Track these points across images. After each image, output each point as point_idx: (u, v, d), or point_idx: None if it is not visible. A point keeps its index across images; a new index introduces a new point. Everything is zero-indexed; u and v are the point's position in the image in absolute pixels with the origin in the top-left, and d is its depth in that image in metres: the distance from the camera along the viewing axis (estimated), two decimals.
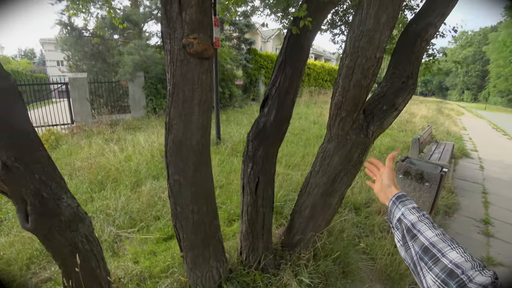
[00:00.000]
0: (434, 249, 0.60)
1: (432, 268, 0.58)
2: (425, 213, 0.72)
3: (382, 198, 0.86)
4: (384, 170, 0.88)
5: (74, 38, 10.18)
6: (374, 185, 0.92)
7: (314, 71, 19.54)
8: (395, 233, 0.76)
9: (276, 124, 2.05)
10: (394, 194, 0.81)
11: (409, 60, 1.83)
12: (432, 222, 0.68)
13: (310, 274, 2.17)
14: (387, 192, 0.84)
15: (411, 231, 0.68)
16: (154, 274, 2.22)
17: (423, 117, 12.30)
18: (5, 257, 2.55)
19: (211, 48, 1.44)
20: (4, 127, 1.24)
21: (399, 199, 0.79)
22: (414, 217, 0.71)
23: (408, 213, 0.73)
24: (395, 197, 0.80)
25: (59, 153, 5.56)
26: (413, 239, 0.67)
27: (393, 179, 0.86)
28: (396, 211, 0.77)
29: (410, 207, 0.75)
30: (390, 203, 0.80)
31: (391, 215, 0.79)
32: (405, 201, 0.78)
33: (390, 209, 0.80)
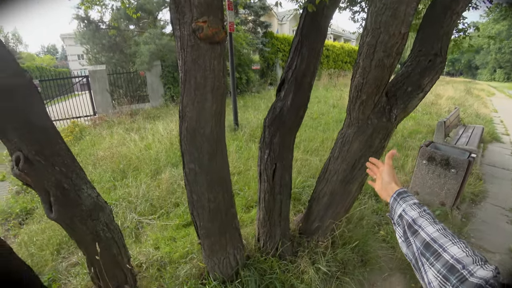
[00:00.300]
0: (435, 245, 0.60)
1: (434, 263, 0.58)
2: (425, 209, 0.71)
3: (384, 196, 0.86)
4: (384, 168, 0.89)
5: (91, 31, 10.38)
6: (375, 184, 0.92)
7: (333, 52, 18.87)
8: (397, 229, 0.76)
9: (293, 109, 1.97)
10: (395, 191, 0.81)
11: (437, 36, 1.68)
12: (433, 217, 0.68)
13: (328, 262, 2.14)
14: (388, 189, 0.84)
15: (412, 226, 0.68)
16: (174, 260, 2.28)
17: (450, 99, 11.62)
18: (38, 243, 2.71)
19: (222, 32, 1.37)
20: (24, 122, 1.27)
21: (400, 196, 0.79)
22: (415, 213, 0.70)
23: (409, 209, 0.73)
24: (396, 193, 0.80)
25: (83, 144, 5.78)
26: (414, 235, 0.67)
27: (394, 176, 0.86)
28: (397, 208, 0.77)
29: (411, 203, 0.74)
30: (391, 200, 0.80)
31: (392, 211, 0.79)
32: (406, 197, 0.77)
33: (391, 206, 0.80)
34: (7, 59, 1.22)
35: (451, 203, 3.15)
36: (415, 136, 6.06)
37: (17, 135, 1.27)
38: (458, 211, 3.23)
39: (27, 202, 3.70)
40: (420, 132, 6.43)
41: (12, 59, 1.25)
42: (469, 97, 13.34)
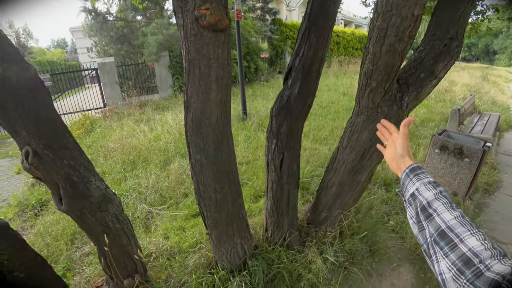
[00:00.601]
0: (451, 234, 0.55)
1: (448, 254, 0.53)
2: (442, 190, 0.64)
3: (394, 168, 0.78)
4: (398, 137, 0.79)
5: (99, 24, 10.41)
6: (385, 150, 0.84)
7: (343, 39, 18.41)
8: (408, 208, 0.69)
9: (301, 98, 1.92)
10: (408, 166, 0.73)
11: (453, 18, 1.58)
12: (450, 201, 0.61)
13: (336, 252, 2.13)
14: (400, 163, 0.76)
15: (426, 210, 0.62)
16: (183, 249, 2.32)
17: (465, 86, 11.21)
18: (53, 233, 2.80)
19: (226, 19, 1.33)
20: (30, 117, 1.28)
21: (413, 172, 0.71)
22: (430, 194, 0.64)
23: (424, 188, 0.66)
24: (409, 169, 0.72)
25: (94, 136, 5.87)
26: (428, 219, 0.61)
27: (408, 149, 0.77)
28: (410, 185, 0.69)
29: (425, 182, 0.67)
30: (403, 175, 0.73)
31: (404, 188, 0.72)
32: (420, 174, 0.70)
33: (403, 182, 0.73)
34: (12, 53, 1.22)
35: (464, 193, 3.07)
36: (427, 125, 5.90)
37: (25, 129, 1.29)
38: (471, 201, 3.15)
39: (41, 194, 3.82)
40: (433, 120, 6.25)
41: (18, 54, 1.25)
42: (485, 83, 12.83)
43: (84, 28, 11.79)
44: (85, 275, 2.20)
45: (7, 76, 1.19)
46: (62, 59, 32.98)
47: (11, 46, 1.23)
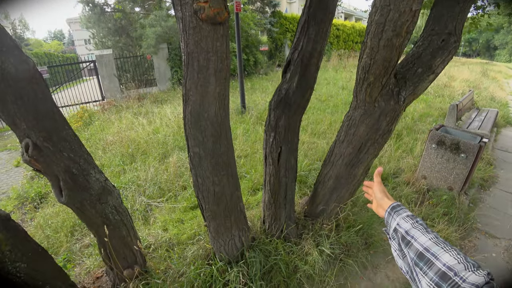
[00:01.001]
0: (428, 254, 0.60)
1: (427, 272, 0.58)
2: (418, 220, 0.72)
3: (381, 213, 0.85)
4: (374, 185, 0.89)
5: (96, 15, 10.27)
6: (372, 205, 0.92)
7: (343, 32, 18.28)
8: (392, 243, 0.76)
9: (299, 91, 1.93)
10: (388, 205, 0.81)
11: (452, 14, 1.59)
12: (425, 227, 0.69)
13: (332, 244, 2.16)
14: (383, 204, 0.84)
15: (405, 238, 0.69)
16: (181, 241, 2.35)
17: (464, 81, 11.21)
18: (52, 225, 2.83)
19: (225, 12, 1.33)
20: (30, 109, 1.28)
21: (393, 210, 0.79)
22: (407, 225, 0.71)
23: (403, 221, 0.73)
24: (390, 208, 0.80)
25: (93, 129, 5.87)
26: (407, 246, 0.67)
27: (384, 191, 0.87)
28: (392, 222, 0.76)
29: (404, 216, 0.75)
30: (386, 215, 0.80)
31: (388, 226, 0.79)
32: (399, 210, 0.78)
33: (387, 220, 0.80)
34: (10, 46, 1.22)
35: (459, 188, 3.11)
36: (425, 119, 5.93)
37: (24, 122, 1.29)
38: (466, 196, 3.19)
39: (41, 187, 3.83)
40: (431, 115, 6.28)
41: (16, 47, 1.25)
42: (484, 79, 12.84)
43: (81, 20, 11.63)
44: (85, 266, 2.23)
45: (5, 69, 1.19)
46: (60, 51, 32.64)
47: (9, 38, 1.23)
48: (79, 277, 2.14)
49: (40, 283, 1.37)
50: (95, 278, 2.12)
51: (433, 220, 2.70)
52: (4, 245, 1.23)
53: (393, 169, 3.65)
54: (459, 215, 2.84)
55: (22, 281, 1.29)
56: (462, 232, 2.62)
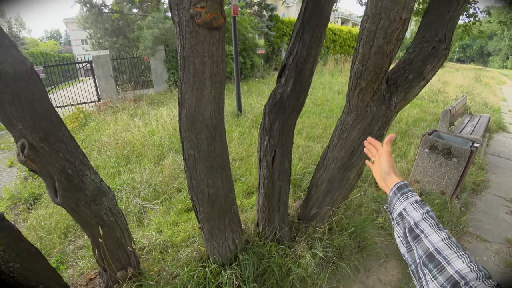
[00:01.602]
0: (439, 256, 0.57)
1: (437, 277, 0.55)
2: (429, 210, 0.66)
3: (382, 186, 0.80)
4: (382, 155, 0.82)
5: (94, 16, 10.26)
6: (373, 166, 0.86)
7: (340, 37, 18.47)
8: (395, 227, 0.71)
9: (294, 95, 1.96)
10: (395, 184, 0.75)
11: (442, 22, 1.63)
12: (436, 222, 0.63)
13: (325, 247, 2.19)
14: (387, 180, 0.78)
15: (414, 230, 0.64)
16: (175, 243, 2.35)
17: (458, 87, 11.40)
18: (46, 227, 2.81)
19: (221, 17, 1.36)
20: (26, 110, 1.29)
21: (400, 190, 0.73)
22: (417, 215, 0.65)
23: (411, 208, 0.68)
24: (396, 187, 0.74)
25: (88, 130, 5.84)
26: (416, 240, 0.63)
27: (393, 165, 0.80)
28: (397, 204, 0.71)
29: (412, 201, 0.69)
30: (391, 193, 0.75)
31: (391, 206, 0.74)
32: (407, 192, 0.72)
33: (391, 200, 0.74)
34: (8, 46, 1.23)
35: (451, 192, 3.16)
36: (419, 124, 6.01)
37: (21, 122, 1.30)
38: (458, 200, 3.24)
39: (34, 188, 3.80)
40: (425, 120, 6.36)
41: (14, 47, 1.26)
42: (478, 85, 13.05)
43: (78, 20, 11.59)
44: (78, 268, 2.23)
45: (3, 69, 1.20)
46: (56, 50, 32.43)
47: (7, 38, 1.24)
48: (72, 279, 2.13)
49: (33, 284, 1.37)
50: (88, 279, 2.12)
51: None
52: None
53: None
54: (451, 219, 2.88)
55: (16, 282, 1.29)
56: (454, 235, 2.66)
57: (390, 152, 0.82)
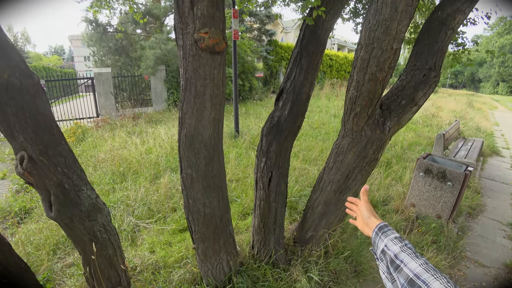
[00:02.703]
0: (419, 281, 0.61)
1: None
2: (407, 243, 0.72)
3: (366, 231, 0.85)
4: (361, 204, 0.90)
5: (98, 34, 10.56)
6: (356, 222, 0.92)
7: (336, 62, 19.06)
8: (380, 264, 0.75)
9: (291, 118, 2.02)
10: (376, 225, 0.81)
11: (432, 51, 1.73)
12: (414, 252, 0.69)
13: (320, 271, 2.15)
14: (369, 223, 0.84)
15: (395, 262, 0.69)
16: (168, 264, 2.30)
17: (451, 111, 11.66)
18: (34, 242, 2.74)
19: (223, 42, 1.43)
20: (29, 122, 1.32)
21: (381, 230, 0.79)
22: (396, 248, 0.71)
23: (391, 243, 0.73)
24: (377, 227, 0.80)
25: (85, 146, 5.83)
26: (397, 270, 0.67)
27: (372, 210, 0.87)
28: (380, 242, 0.77)
29: (392, 238, 0.74)
30: (373, 234, 0.80)
31: (375, 246, 0.79)
32: (387, 231, 0.78)
33: (374, 240, 0.79)
34: (17, 61, 1.28)
35: (447, 216, 3.16)
36: (414, 148, 6.09)
37: (22, 134, 1.32)
38: (455, 224, 3.24)
39: (26, 201, 3.73)
40: (420, 144, 6.46)
41: (22, 61, 1.31)
42: (470, 110, 13.37)
43: (83, 37, 11.92)
44: (66, 287, 2.15)
45: (11, 82, 1.24)
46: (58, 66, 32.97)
47: (17, 54, 1.29)
48: None
49: None
50: None
51: (422, 248, 2.71)
52: None
53: (383, 197, 3.70)
54: (448, 243, 2.86)
55: None
56: (451, 260, 2.63)
57: (368, 200, 0.90)
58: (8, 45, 1.26)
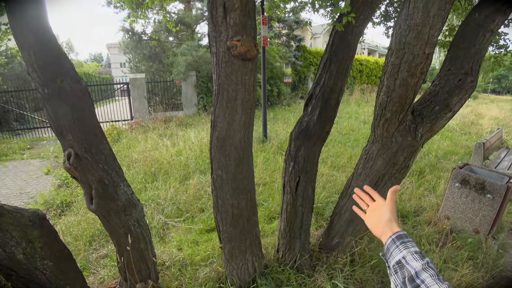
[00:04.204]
0: None
1: None
2: (429, 261, 0.66)
3: (378, 232, 0.79)
4: (387, 203, 0.82)
5: (134, 42, 11.25)
6: (364, 214, 0.86)
7: (366, 67, 18.59)
8: (392, 276, 0.69)
9: (320, 124, 2.03)
10: (394, 232, 0.74)
11: (468, 55, 1.66)
12: (437, 273, 0.63)
13: (346, 279, 2.11)
14: (387, 227, 0.77)
15: (414, 280, 0.62)
16: (195, 262, 2.38)
17: (493, 119, 10.83)
18: (73, 233, 2.97)
19: (254, 49, 1.49)
20: (77, 123, 1.47)
21: (399, 239, 0.72)
22: (418, 265, 0.64)
23: (411, 258, 0.67)
24: (396, 235, 0.73)
25: (120, 146, 6.21)
26: None
27: (395, 213, 0.80)
28: (396, 252, 0.70)
29: (412, 251, 0.68)
30: (389, 241, 0.74)
31: (388, 253, 0.73)
32: (407, 242, 0.71)
33: (388, 247, 0.73)
34: (68, 68, 1.43)
35: (486, 231, 2.95)
36: (450, 157, 5.74)
37: (70, 133, 1.47)
38: (495, 241, 3.01)
39: (67, 196, 4.06)
40: (457, 153, 6.08)
41: (72, 68, 1.46)
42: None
43: (120, 45, 12.77)
44: (99, 276, 2.31)
45: (63, 87, 1.40)
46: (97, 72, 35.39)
47: (68, 62, 1.45)
48: (93, 286, 2.21)
49: (61, 283, 1.45)
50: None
51: (456, 263, 2.55)
52: (37, 242, 1.34)
53: (414, 207, 3.54)
54: (486, 261, 2.67)
55: (46, 279, 1.38)
56: (490, 279, 2.45)
57: (395, 201, 0.83)
58: (61, 53, 1.42)
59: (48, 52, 1.36)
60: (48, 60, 1.36)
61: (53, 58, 1.38)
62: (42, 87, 1.38)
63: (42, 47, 1.33)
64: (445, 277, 2.29)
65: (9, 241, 1.25)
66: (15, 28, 1.29)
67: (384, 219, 0.79)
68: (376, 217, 0.81)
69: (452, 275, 2.32)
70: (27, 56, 1.33)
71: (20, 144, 7.61)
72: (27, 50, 1.31)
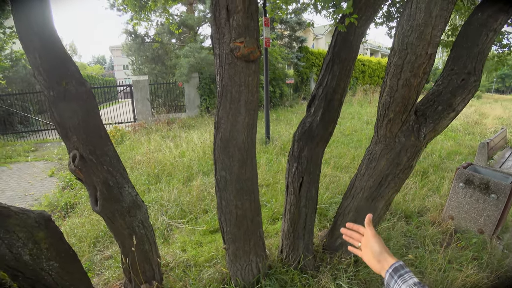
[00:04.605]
0: None
1: None
2: None
3: (377, 268, 0.78)
4: (369, 237, 0.81)
5: (137, 44, 11.32)
6: (360, 252, 0.85)
7: (369, 67, 18.54)
8: None
9: (322, 125, 2.03)
10: (390, 265, 0.74)
11: (471, 54, 1.65)
12: None
13: (350, 279, 2.10)
14: (382, 261, 0.76)
15: None
16: (198, 263, 2.39)
17: (497, 118, 10.75)
18: (78, 235, 2.99)
19: (257, 51, 1.50)
20: (82, 125, 1.48)
21: (396, 272, 0.71)
22: None
23: None
24: (392, 268, 0.72)
25: (123, 148, 6.24)
26: None
27: (383, 245, 0.79)
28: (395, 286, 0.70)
29: (411, 284, 0.67)
30: (387, 276, 0.73)
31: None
32: (404, 274, 0.70)
33: (387, 282, 0.73)
34: (73, 70, 1.45)
35: (491, 232, 2.93)
36: (454, 157, 5.71)
37: (75, 135, 1.49)
38: (500, 241, 2.99)
39: (71, 197, 4.09)
40: (461, 153, 6.04)
41: (77, 71, 1.48)
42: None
43: (123, 48, 12.87)
44: (104, 277, 2.32)
45: (68, 89, 1.42)
46: (100, 74, 35.61)
47: (73, 64, 1.47)
48: (97, 287, 2.22)
49: (67, 284, 1.46)
50: None
51: (461, 263, 2.54)
52: (43, 243, 1.36)
53: (418, 208, 3.52)
54: (491, 261, 2.65)
55: (52, 279, 1.39)
56: (495, 279, 2.44)
57: (375, 233, 0.82)
58: (66, 56, 1.44)
59: (53, 55, 1.38)
60: (54, 63, 1.38)
61: (58, 60, 1.40)
62: (47, 90, 1.39)
63: (48, 49, 1.35)
64: (450, 278, 2.28)
65: (15, 242, 1.27)
66: (21, 31, 1.31)
67: (375, 254, 0.78)
68: (369, 253, 0.80)
69: (457, 275, 2.30)
70: (33, 59, 1.34)
71: (24, 146, 7.68)
72: (33, 53, 1.33)
